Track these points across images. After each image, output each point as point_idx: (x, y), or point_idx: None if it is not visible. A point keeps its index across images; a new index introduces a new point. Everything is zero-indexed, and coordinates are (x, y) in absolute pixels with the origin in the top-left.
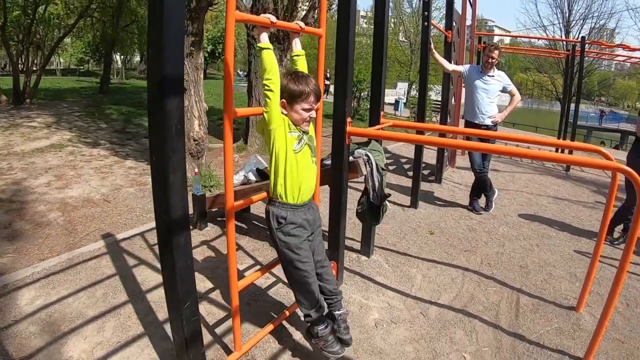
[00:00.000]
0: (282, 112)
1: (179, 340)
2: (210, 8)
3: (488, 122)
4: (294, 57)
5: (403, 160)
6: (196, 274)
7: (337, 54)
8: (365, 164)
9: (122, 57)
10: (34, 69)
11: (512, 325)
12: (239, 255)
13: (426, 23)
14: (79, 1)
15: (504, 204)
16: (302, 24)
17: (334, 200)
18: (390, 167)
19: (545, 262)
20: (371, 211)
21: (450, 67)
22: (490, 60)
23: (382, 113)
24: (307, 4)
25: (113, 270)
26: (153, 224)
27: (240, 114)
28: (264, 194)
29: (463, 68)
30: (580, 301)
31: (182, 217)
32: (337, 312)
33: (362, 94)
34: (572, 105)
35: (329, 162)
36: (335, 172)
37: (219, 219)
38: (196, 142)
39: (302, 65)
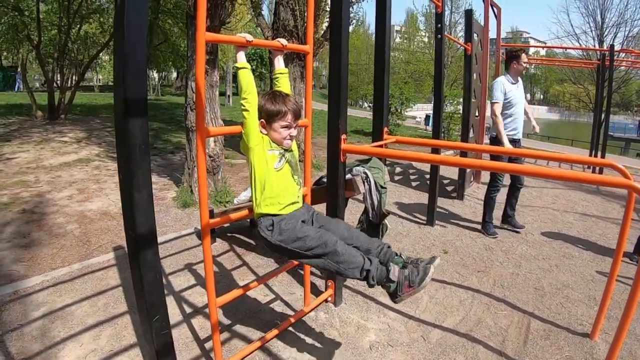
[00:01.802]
0: (262, 132)
1: (151, 353)
2: (223, 27)
3: (520, 135)
4: (277, 75)
5: (427, 176)
6: (198, 288)
7: (330, 67)
8: (364, 182)
9: (158, 73)
10: (69, 85)
11: (518, 353)
12: (242, 271)
13: (440, 35)
14: (113, 21)
15: (527, 221)
16: (284, 42)
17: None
18: (413, 183)
19: (563, 284)
20: (371, 230)
21: (500, 113)
22: (526, 66)
23: (385, 129)
24: (327, 20)
25: (118, 282)
26: (164, 238)
27: (213, 133)
28: (244, 212)
29: (500, 94)
30: (595, 327)
31: (148, 233)
32: (398, 258)
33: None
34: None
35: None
36: (331, 191)
37: (228, 234)
38: (212, 158)
39: (284, 84)
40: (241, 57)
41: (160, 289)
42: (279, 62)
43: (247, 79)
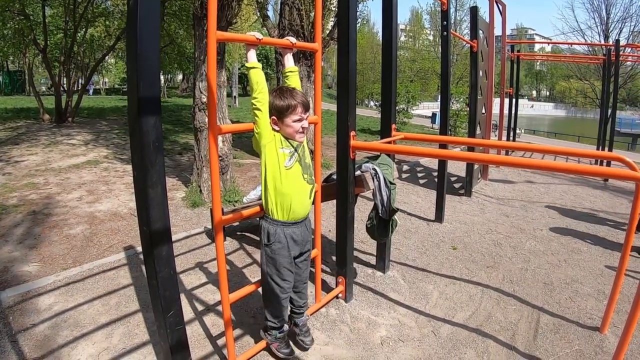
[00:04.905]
0: (275, 129)
1: (165, 348)
2: (230, 27)
3: None
4: (287, 74)
5: (435, 174)
6: (209, 285)
7: (338, 65)
8: (373, 178)
9: (164, 75)
10: (76, 89)
11: (528, 347)
12: (253, 269)
13: (445, 33)
14: (118, 24)
15: (535, 217)
16: (293, 40)
17: (340, 215)
18: (421, 181)
19: (572, 279)
20: (381, 226)
21: None
22: None
23: (393, 125)
24: (332, 19)
25: (129, 281)
26: (175, 237)
27: (225, 131)
28: (255, 209)
29: None
30: (605, 321)
31: (162, 230)
32: (300, 319)
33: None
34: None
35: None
36: (341, 187)
37: (238, 233)
38: (220, 158)
39: (294, 82)
40: (252, 56)
41: (175, 285)
42: (289, 61)
43: (258, 78)
